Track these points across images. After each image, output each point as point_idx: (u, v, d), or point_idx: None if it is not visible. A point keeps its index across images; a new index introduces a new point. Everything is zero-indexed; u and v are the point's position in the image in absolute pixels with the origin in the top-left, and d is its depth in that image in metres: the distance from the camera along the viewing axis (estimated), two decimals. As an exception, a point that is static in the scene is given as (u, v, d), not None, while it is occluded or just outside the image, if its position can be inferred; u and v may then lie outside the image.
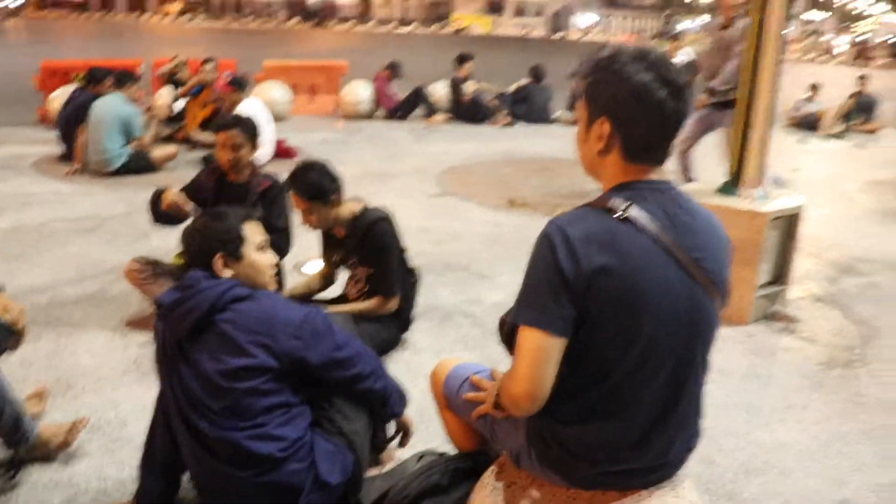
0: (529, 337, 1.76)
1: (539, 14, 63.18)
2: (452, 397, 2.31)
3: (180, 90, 10.14)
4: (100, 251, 5.48)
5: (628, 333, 1.78)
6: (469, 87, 12.55)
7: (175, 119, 9.94)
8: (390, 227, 3.81)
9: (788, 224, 4.62)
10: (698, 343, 1.87)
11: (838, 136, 13.00)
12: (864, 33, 64.79)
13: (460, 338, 4.21)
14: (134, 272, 4.17)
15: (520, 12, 60.50)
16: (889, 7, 70.16)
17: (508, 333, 1.92)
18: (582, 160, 1.94)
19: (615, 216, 1.78)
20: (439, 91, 12.86)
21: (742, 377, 3.84)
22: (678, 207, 1.85)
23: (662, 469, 1.97)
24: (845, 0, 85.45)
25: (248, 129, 4.28)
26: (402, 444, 2.78)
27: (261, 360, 2.27)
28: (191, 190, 4.34)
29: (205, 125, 9.29)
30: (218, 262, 2.44)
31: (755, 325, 4.48)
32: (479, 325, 4.38)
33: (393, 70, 12.50)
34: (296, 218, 3.91)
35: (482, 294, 4.86)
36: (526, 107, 12.83)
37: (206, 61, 9.85)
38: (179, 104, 10.07)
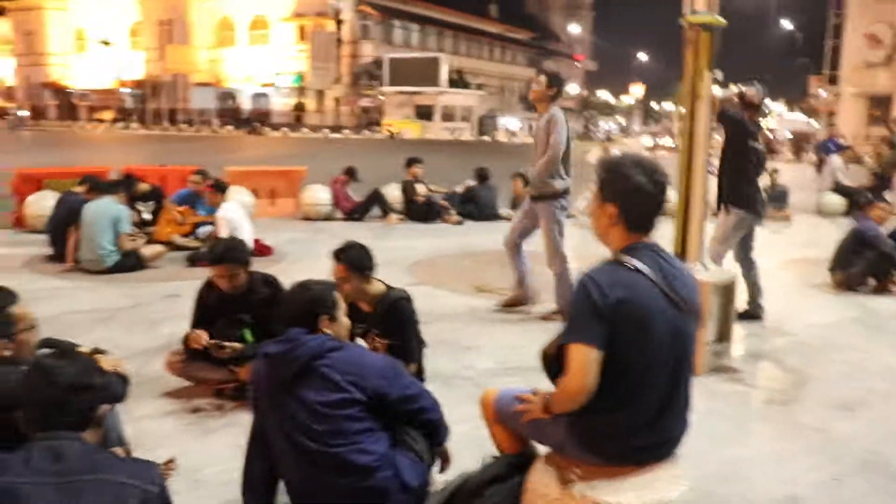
0: (580, 350, 2.57)
1: (466, 119, 65.73)
2: (504, 410, 3.06)
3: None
4: (123, 338, 6.00)
5: (641, 343, 2.60)
6: (421, 189, 13.45)
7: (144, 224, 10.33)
8: (411, 305, 4.54)
9: (726, 292, 5.55)
10: (686, 350, 2.72)
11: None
12: (769, 129, 68.99)
13: (463, 396, 4.88)
14: (174, 363, 4.81)
15: (448, 117, 62.89)
16: (785, 106, 75.45)
17: (552, 359, 2.75)
18: (595, 229, 2.82)
19: (627, 267, 2.63)
20: (392, 193, 13.69)
21: (703, 414, 4.60)
22: (664, 261, 2.73)
23: (666, 445, 2.78)
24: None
25: (237, 257, 4.69)
26: (442, 469, 3.46)
27: (354, 395, 2.99)
28: (200, 312, 4.79)
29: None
30: (324, 321, 3.16)
31: (706, 376, 5.33)
32: (476, 384, 5.09)
33: (350, 174, 13.34)
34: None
35: (473, 362, 5.60)
36: (473, 206, 13.65)
37: (196, 172, 10.26)
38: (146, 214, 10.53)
